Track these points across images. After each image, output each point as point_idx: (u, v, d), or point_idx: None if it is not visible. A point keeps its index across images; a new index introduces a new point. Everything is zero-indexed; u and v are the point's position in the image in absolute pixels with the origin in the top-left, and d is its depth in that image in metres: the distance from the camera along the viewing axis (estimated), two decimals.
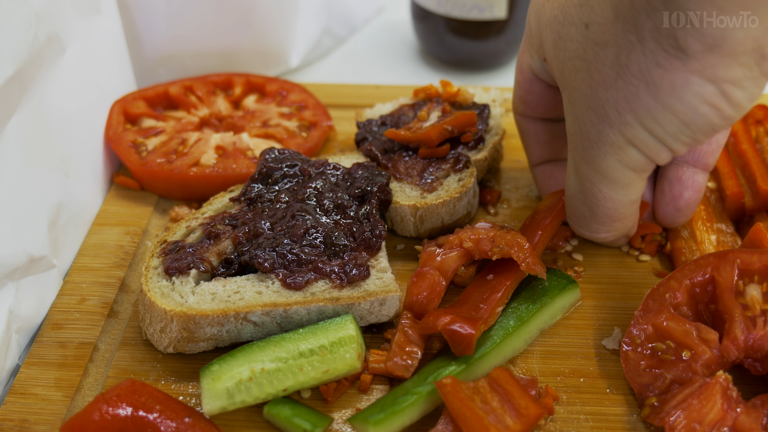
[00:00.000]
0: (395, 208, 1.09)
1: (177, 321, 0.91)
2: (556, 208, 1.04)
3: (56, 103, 1.07)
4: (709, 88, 0.76)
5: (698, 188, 1.01)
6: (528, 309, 0.95)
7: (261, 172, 1.08)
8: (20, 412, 0.89)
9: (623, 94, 0.81)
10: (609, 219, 0.95)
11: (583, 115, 0.86)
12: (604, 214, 0.94)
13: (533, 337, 0.96)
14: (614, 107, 0.82)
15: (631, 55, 0.78)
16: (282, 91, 1.34)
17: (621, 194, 0.90)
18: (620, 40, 0.78)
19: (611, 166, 0.87)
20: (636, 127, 0.82)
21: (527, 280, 0.99)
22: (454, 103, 1.23)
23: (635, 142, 0.83)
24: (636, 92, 0.80)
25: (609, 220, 0.95)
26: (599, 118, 0.84)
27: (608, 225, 0.96)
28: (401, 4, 1.67)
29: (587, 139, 0.87)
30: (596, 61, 0.82)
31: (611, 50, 0.79)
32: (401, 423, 0.85)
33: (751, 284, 0.91)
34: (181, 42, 1.37)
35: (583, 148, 0.88)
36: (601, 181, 0.89)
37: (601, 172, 0.88)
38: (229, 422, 0.88)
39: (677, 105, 0.78)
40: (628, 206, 0.93)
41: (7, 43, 0.94)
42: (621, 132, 0.83)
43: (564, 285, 0.98)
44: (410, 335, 0.92)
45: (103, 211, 1.17)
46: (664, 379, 0.87)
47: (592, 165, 0.88)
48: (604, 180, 0.89)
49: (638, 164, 0.86)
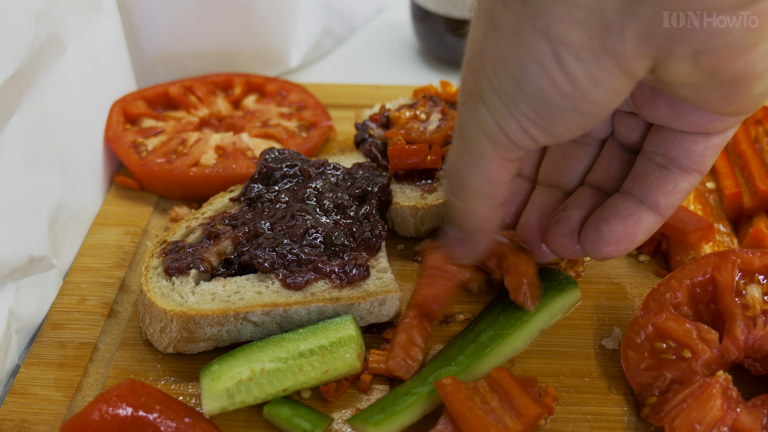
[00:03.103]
0: (396, 209, 1.09)
1: (177, 321, 0.91)
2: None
3: (56, 103, 1.07)
4: (541, 43, 0.67)
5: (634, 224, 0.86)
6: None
7: (261, 172, 1.08)
8: (20, 412, 0.89)
9: (477, 35, 0.73)
10: (458, 182, 0.84)
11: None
12: (454, 174, 0.84)
13: (533, 337, 0.96)
14: (472, 49, 0.74)
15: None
16: (282, 91, 1.34)
17: (471, 159, 0.80)
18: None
19: (465, 119, 0.78)
20: (482, 76, 0.73)
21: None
22: (453, 104, 1.23)
23: (483, 95, 0.74)
24: (484, 34, 0.72)
25: (458, 184, 0.84)
26: (465, 60, 0.76)
27: (457, 190, 0.84)
28: (401, 4, 1.67)
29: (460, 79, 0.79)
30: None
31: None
32: (401, 423, 0.84)
33: (752, 284, 0.91)
34: (181, 42, 1.37)
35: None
36: (457, 134, 0.81)
37: (459, 123, 0.80)
38: (229, 422, 0.88)
39: (511, 55, 0.69)
40: (480, 180, 0.81)
41: (7, 43, 0.94)
42: (473, 81, 0.75)
43: (564, 285, 0.98)
44: (413, 336, 0.92)
45: (103, 211, 1.17)
46: (664, 379, 0.87)
47: (458, 111, 0.80)
48: (460, 134, 0.80)
49: (488, 126, 0.76)
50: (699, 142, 0.82)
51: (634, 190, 0.87)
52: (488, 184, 0.82)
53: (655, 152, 0.85)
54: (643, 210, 0.86)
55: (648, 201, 0.86)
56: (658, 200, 0.85)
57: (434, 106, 1.19)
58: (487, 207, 0.85)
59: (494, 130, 0.76)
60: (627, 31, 0.65)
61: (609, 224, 0.87)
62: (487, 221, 0.88)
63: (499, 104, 0.73)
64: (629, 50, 0.66)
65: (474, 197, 0.84)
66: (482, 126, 0.76)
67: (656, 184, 0.85)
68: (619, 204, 0.87)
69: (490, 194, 0.84)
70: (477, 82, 0.74)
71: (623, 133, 0.91)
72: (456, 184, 0.84)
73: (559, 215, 0.93)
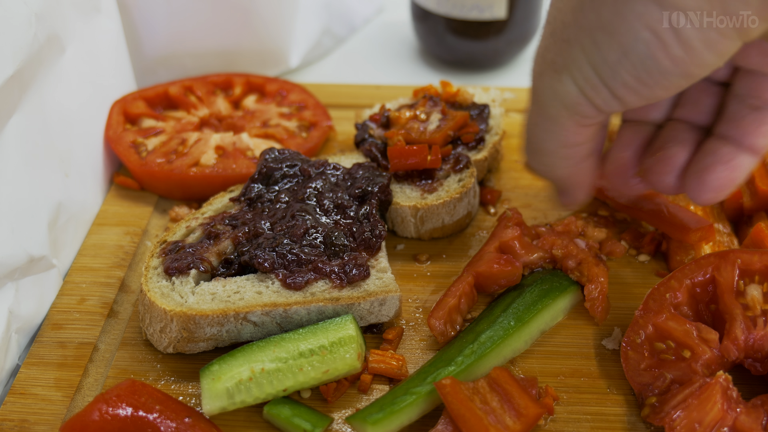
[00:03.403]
0: (396, 209, 1.09)
1: (177, 321, 0.91)
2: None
3: (56, 103, 1.07)
4: (653, 10, 0.65)
5: (735, 168, 0.86)
6: (529, 310, 0.95)
7: (261, 172, 1.08)
8: (20, 412, 0.89)
9: (571, 4, 0.71)
10: (535, 147, 0.84)
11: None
12: (531, 140, 0.84)
13: (534, 338, 0.96)
14: (561, 20, 0.72)
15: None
16: (282, 91, 1.34)
17: (548, 127, 0.80)
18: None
19: (542, 89, 0.77)
20: (574, 47, 0.71)
21: (529, 280, 0.99)
22: (453, 104, 1.23)
23: (570, 66, 0.73)
24: (580, 3, 0.69)
25: (535, 149, 0.85)
26: (549, 31, 0.75)
27: (535, 154, 0.86)
28: (401, 4, 1.67)
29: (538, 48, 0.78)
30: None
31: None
32: (399, 423, 0.84)
33: (752, 284, 0.91)
34: (181, 42, 1.37)
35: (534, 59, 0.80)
36: (533, 102, 0.80)
37: (535, 91, 0.79)
38: (229, 422, 0.88)
39: (617, 23, 0.67)
40: (556, 145, 0.82)
41: (7, 43, 0.94)
42: (560, 51, 0.73)
43: (566, 286, 0.98)
44: (462, 303, 0.93)
45: (103, 211, 1.17)
46: (664, 379, 0.87)
47: (533, 80, 0.80)
48: (536, 102, 0.80)
49: (570, 98, 0.75)
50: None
51: (730, 134, 0.86)
52: (565, 148, 0.82)
53: (748, 95, 0.84)
54: (742, 153, 0.86)
55: (746, 143, 0.85)
56: (756, 142, 0.85)
57: (434, 106, 1.19)
58: (568, 167, 0.86)
59: (575, 100, 0.75)
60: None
61: (713, 171, 0.86)
62: (574, 176, 0.88)
63: (592, 75, 0.72)
64: (753, 11, 0.64)
65: (552, 160, 0.85)
66: (561, 96, 0.75)
67: (753, 126, 0.84)
68: (719, 149, 0.86)
69: (568, 156, 0.84)
70: (565, 52, 0.73)
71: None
72: (533, 149, 0.85)
73: (660, 153, 0.92)
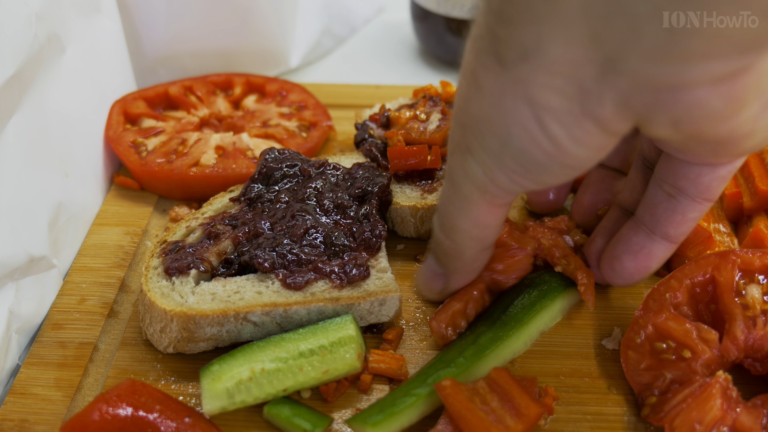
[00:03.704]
0: (396, 209, 1.09)
1: (177, 321, 0.91)
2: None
3: (56, 103, 1.07)
4: (523, 107, 0.67)
5: (646, 257, 0.89)
6: (527, 311, 0.95)
7: (261, 172, 1.08)
8: (20, 412, 0.89)
9: (463, 93, 0.74)
10: (448, 224, 0.84)
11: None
12: (444, 216, 0.84)
13: (533, 339, 0.96)
14: (458, 105, 0.75)
15: (469, 53, 0.71)
16: (282, 91, 1.34)
17: (461, 205, 0.80)
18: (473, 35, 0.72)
19: (453, 168, 0.79)
20: (467, 133, 0.74)
21: (527, 281, 0.99)
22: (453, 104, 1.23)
23: (471, 149, 0.75)
24: (468, 94, 0.72)
25: (448, 226, 0.85)
26: (453, 114, 0.78)
27: (446, 231, 0.85)
28: (401, 4, 1.67)
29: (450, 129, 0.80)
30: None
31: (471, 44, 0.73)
32: (400, 424, 0.84)
33: (752, 284, 0.91)
34: (181, 42, 1.37)
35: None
36: (447, 179, 0.81)
37: (448, 170, 0.80)
38: (229, 422, 0.88)
39: (494, 116, 0.70)
40: (469, 224, 0.82)
41: (7, 43, 0.94)
42: (461, 134, 0.76)
43: (564, 287, 0.98)
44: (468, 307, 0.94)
45: (103, 211, 1.17)
46: (664, 379, 0.87)
47: (448, 158, 0.81)
48: (449, 180, 0.81)
49: (476, 177, 0.76)
50: (705, 173, 0.82)
51: (645, 220, 0.89)
52: (477, 228, 0.83)
53: (664, 180, 0.85)
54: (654, 241, 0.88)
55: (659, 231, 0.88)
56: (668, 231, 0.87)
57: (434, 106, 1.19)
58: (475, 249, 0.87)
59: (483, 180, 0.76)
60: (605, 98, 0.65)
61: (621, 262, 0.91)
62: (473, 263, 0.89)
63: (486, 159, 0.74)
64: (608, 114, 0.66)
65: (463, 239, 0.85)
66: (471, 176, 0.77)
67: (666, 215, 0.86)
68: (631, 238, 0.90)
69: (479, 237, 0.84)
70: (464, 136, 0.75)
71: (645, 149, 0.92)
72: (445, 225, 0.85)
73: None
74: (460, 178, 0.78)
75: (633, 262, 0.89)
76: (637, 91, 0.63)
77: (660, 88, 0.63)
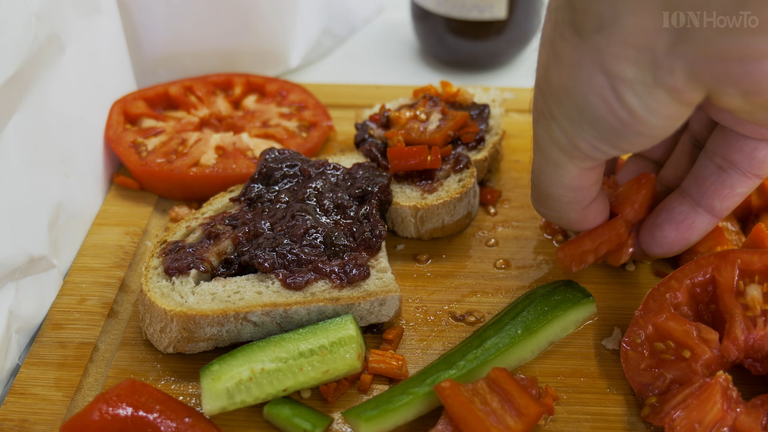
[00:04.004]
0: (396, 209, 1.09)
1: (177, 321, 0.91)
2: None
3: (56, 103, 1.07)
4: (599, 77, 0.70)
5: (687, 229, 0.90)
6: (538, 319, 0.94)
7: (261, 172, 1.08)
8: (20, 412, 0.89)
9: (542, 61, 0.77)
10: (543, 194, 0.88)
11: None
12: (538, 187, 0.87)
13: (542, 348, 0.95)
14: (540, 73, 0.78)
15: (547, 23, 0.74)
16: (282, 91, 1.34)
17: (551, 172, 0.83)
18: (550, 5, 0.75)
19: (540, 136, 0.82)
20: (549, 100, 0.77)
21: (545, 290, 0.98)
22: (453, 104, 1.23)
23: (553, 115, 0.78)
24: (548, 62, 0.75)
25: (543, 195, 0.88)
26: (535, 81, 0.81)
27: (543, 201, 0.89)
28: (401, 4, 1.67)
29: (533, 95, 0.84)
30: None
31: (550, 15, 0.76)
32: (394, 422, 0.84)
33: (752, 284, 0.90)
34: (181, 42, 1.37)
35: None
36: (536, 149, 0.84)
37: (535, 139, 0.83)
38: (229, 422, 0.88)
39: (572, 86, 0.73)
40: (563, 189, 0.85)
41: (7, 43, 0.94)
42: (544, 101, 0.78)
43: (579, 299, 0.97)
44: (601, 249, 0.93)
45: (103, 211, 1.17)
46: (664, 379, 0.87)
47: (533, 126, 0.84)
48: (537, 149, 0.83)
49: (561, 143, 0.79)
50: (761, 148, 0.83)
51: (691, 191, 0.89)
52: (571, 191, 0.85)
53: (716, 153, 0.86)
54: (697, 213, 0.89)
55: (704, 203, 0.88)
56: (714, 203, 0.88)
57: (434, 106, 1.19)
58: (576, 211, 0.89)
59: (568, 145, 0.79)
60: (676, 69, 0.67)
61: (662, 230, 0.91)
62: (583, 219, 0.91)
63: (567, 125, 0.77)
64: (680, 84, 0.68)
65: (560, 205, 0.88)
66: (557, 141, 0.79)
67: (713, 187, 0.87)
68: (675, 207, 0.90)
69: (575, 200, 0.87)
70: (546, 103, 0.78)
71: (695, 127, 0.92)
72: (541, 196, 0.88)
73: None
74: (547, 144, 0.81)
75: (674, 232, 0.90)
76: (707, 61, 0.65)
77: (730, 59, 0.64)
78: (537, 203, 0.90)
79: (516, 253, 1.10)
